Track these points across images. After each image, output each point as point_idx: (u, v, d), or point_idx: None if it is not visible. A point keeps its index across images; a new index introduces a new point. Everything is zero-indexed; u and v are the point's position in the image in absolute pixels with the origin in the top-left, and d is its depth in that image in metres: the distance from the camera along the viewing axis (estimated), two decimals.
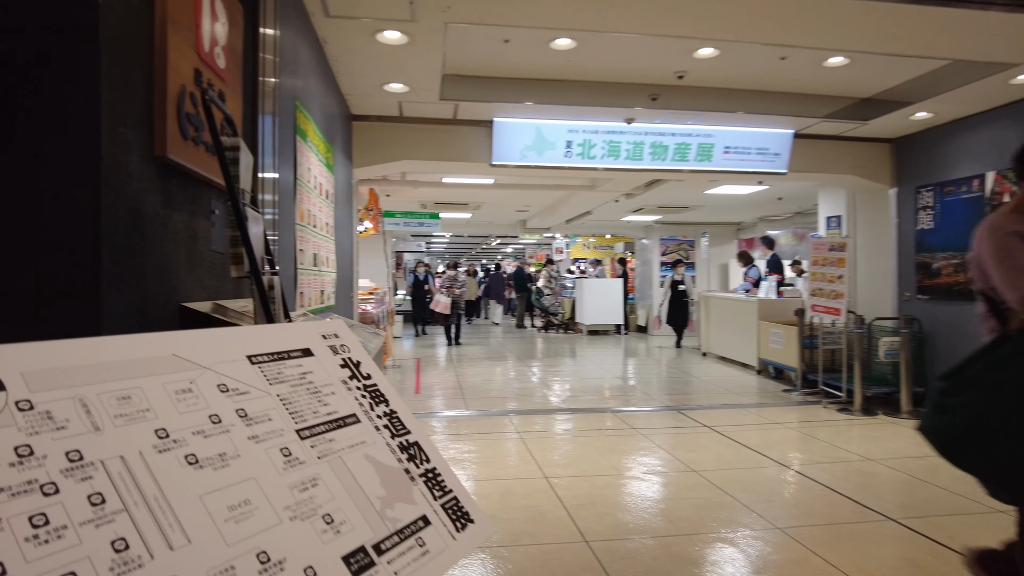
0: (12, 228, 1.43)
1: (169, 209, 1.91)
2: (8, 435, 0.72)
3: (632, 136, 6.60)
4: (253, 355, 1.08)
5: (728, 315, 9.59)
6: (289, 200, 3.61)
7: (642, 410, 6.33)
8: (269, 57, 3.07)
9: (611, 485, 4.02)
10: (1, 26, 1.43)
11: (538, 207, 13.38)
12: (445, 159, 6.86)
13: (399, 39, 4.56)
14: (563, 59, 5.12)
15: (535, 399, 6.86)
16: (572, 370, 9.06)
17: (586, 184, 9.49)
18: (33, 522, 0.67)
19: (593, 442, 5.03)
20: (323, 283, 4.51)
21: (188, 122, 1.94)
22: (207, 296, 2.29)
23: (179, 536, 0.75)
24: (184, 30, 1.89)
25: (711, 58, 5.06)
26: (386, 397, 1.24)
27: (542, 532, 3.28)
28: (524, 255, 27.17)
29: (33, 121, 1.44)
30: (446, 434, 5.27)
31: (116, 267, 1.56)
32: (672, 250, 14.75)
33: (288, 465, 0.95)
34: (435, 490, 1.13)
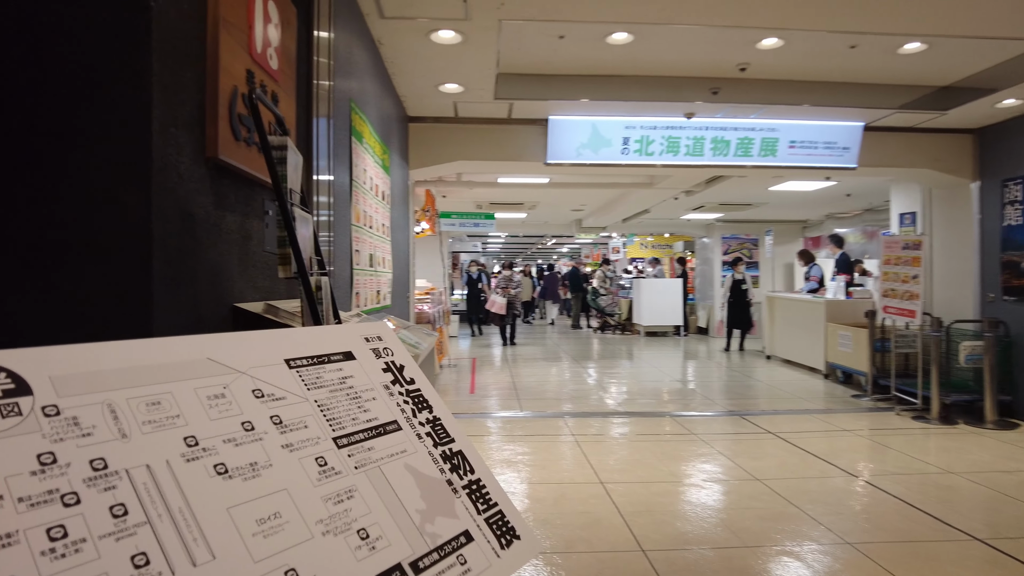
0: (67, 231, 1.45)
1: (221, 210, 1.92)
2: (31, 442, 0.69)
3: (692, 131, 6.41)
4: (292, 359, 1.05)
5: (793, 316, 9.22)
6: (345, 201, 3.63)
7: (702, 415, 6.13)
8: (323, 60, 3.08)
9: (669, 492, 3.88)
10: (57, 32, 1.45)
11: (594, 206, 13.22)
12: (500, 159, 6.82)
13: (453, 38, 4.54)
14: (620, 54, 5.00)
15: (591, 401, 6.74)
16: (629, 372, 8.88)
17: (644, 182, 9.29)
18: (51, 535, 0.64)
19: (651, 447, 4.88)
20: (379, 283, 4.54)
21: (240, 123, 1.94)
22: (260, 297, 2.30)
23: (203, 551, 0.71)
24: (236, 31, 1.89)
25: (775, 49, 4.84)
26: (429, 403, 1.18)
27: (598, 539, 3.18)
28: (580, 255, 26.96)
29: (87, 125, 1.46)
30: (500, 435, 5.23)
31: (167, 268, 1.56)
32: (734, 249, 14.32)
33: (323, 476, 0.90)
34: (479, 503, 1.06)
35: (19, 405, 0.71)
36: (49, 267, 1.45)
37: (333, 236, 3.28)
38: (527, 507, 3.63)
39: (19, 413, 0.70)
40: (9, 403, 0.71)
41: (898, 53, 4.89)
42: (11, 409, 0.70)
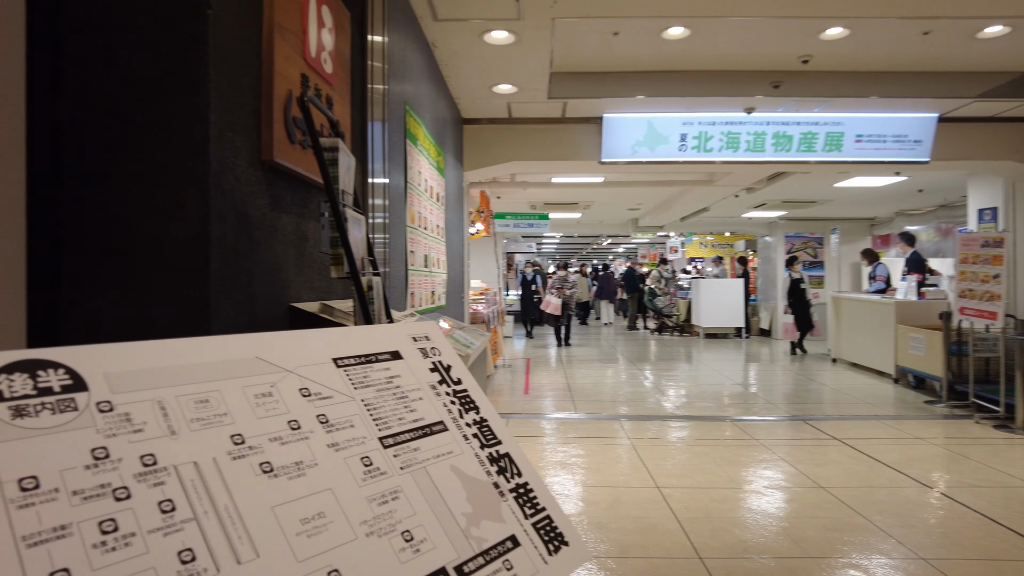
0: (132, 233, 1.50)
1: (277, 211, 1.96)
2: (86, 437, 0.71)
3: (752, 126, 6.22)
4: (339, 358, 1.05)
5: (860, 318, 8.83)
6: (400, 203, 3.68)
7: (764, 419, 5.93)
8: (377, 64, 3.12)
9: (728, 499, 3.76)
10: (121, 44, 1.51)
11: (650, 205, 13.01)
12: (554, 158, 6.80)
13: (506, 39, 4.54)
14: (676, 49, 4.89)
15: (647, 404, 6.62)
16: (687, 375, 8.69)
17: (702, 179, 9.09)
18: (102, 528, 0.65)
19: (709, 452, 4.76)
20: (433, 284, 4.58)
21: (295, 126, 1.98)
22: (317, 296, 2.35)
23: (247, 549, 0.72)
24: (291, 36, 1.93)
25: (840, 39, 4.64)
26: (476, 404, 1.17)
27: (653, 545, 3.11)
28: (636, 255, 26.61)
29: (150, 132, 1.51)
30: (554, 437, 5.19)
31: (224, 268, 1.60)
32: (798, 248, 13.84)
33: (368, 476, 0.90)
34: (526, 507, 1.04)
35: (75, 401, 0.73)
36: (116, 268, 1.51)
37: (388, 237, 3.33)
38: (581, 510, 3.58)
39: (75, 408, 0.72)
40: (66, 399, 0.73)
41: (977, 38, 4.62)
42: (68, 404, 0.72)
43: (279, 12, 1.83)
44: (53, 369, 0.74)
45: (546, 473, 4.21)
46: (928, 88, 5.50)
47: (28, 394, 0.71)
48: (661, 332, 14.59)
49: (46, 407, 0.71)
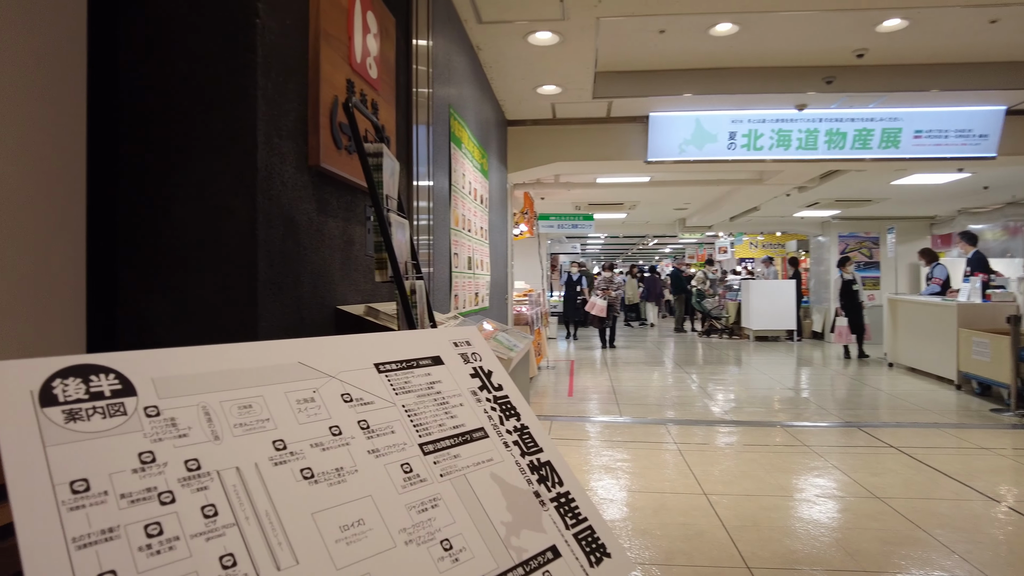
0: (184, 237, 1.55)
1: (324, 216, 1.99)
2: (134, 441, 0.72)
3: (804, 124, 6.04)
4: (381, 363, 1.05)
5: (920, 321, 8.47)
6: (444, 206, 3.70)
7: (816, 425, 5.75)
8: (422, 68, 3.15)
9: (778, 507, 3.65)
10: (175, 54, 1.55)
11: (698, 204, 12.79)
12: (599, 158, 6.74)
13: (550, 39, 4.52)
14: (724, 45, 4.79)
15: (695, 408, 6.50)
16: (736, 379, 8.50)
17: (752, 178, 8.88)
18: (148, 531, 0.67)
19: (758, 458, 4.63)
20: (477, 285, 4.59)
21: (341, 132, 2.01)
22: (363, 299, 2.37)
23: (287, 555, 0.72)
24: (336, 43, 1.96)
25: (898, 31, 4.46)
26: (517, 410, 1.16)
27: (699, 552, 3.05)
28: (683, 255, 26.20)
29: (201, 139, 1.55)
30: (598, 440, 5.14)
31: (271, 271, 1.63)
32: (852, 248, 13.39)
33: (408, 483, 0.90)
34: (568, 517, 1.02)
35: (124, 405, 0.75)
36: (168, 271, 1.55)
37: (433, 240, 3.35)
38: (625, 516, 3.53)
39: (124, 413, 0.74)
40: (116, 403, 0.74)
41: None
42: (117, 409, 0.74)
43: (325, 19, 1.86)
44: (104, 374, 0.76)
45: (590, 478, 4.17)
46: (995, 79, 5.24)
47: (81, 398, 0.73)
48: (709, 334, 14.32)
49: (97, 411, 0.72)
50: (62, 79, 1.44)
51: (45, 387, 0.71)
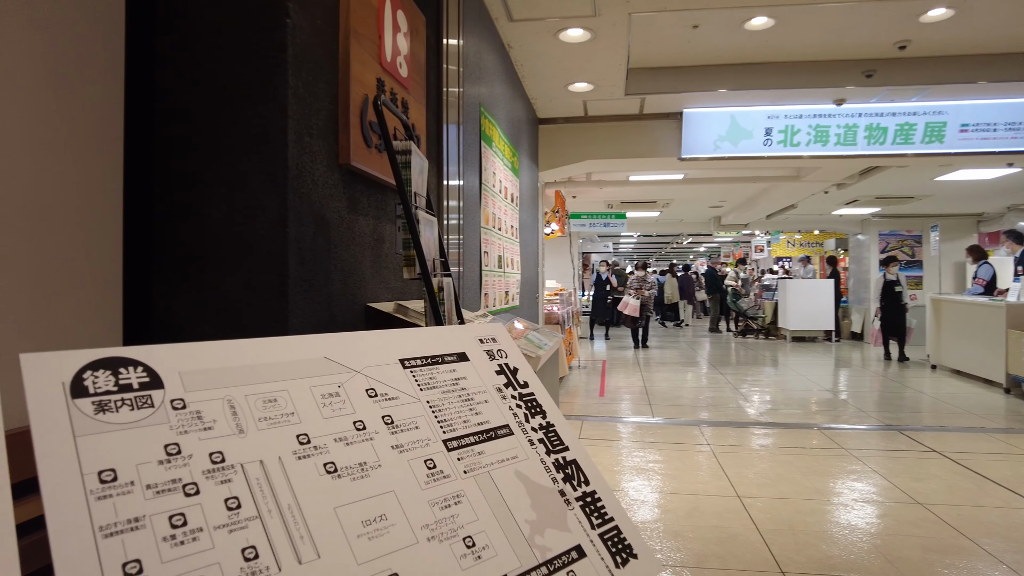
0: (217, 235, 1.57)
1: (354, 214, 2.00)
2: (160, 433, 0.73)
3: (843, 119, 5.89)
4: (406, 359, 1.05)
5: (965, 322, 8.19)
6: (474, 204, 3.70)
7: (855, 428, 5.60)
8: (452, 67, 3.15)
9: (815, 511, 3.57)
10: (207, 56, 1.58)
11: (734, 202, 12.58)
12: (631, 156, 6.68)
13: (582, 36, 4.49)
14: (759, 40, 4.70)
15: (729, 409, 6.39)
16: (772, 380, 8.34)
17: (789, 175, 8.69)
18: (172, 522, 0.67)
19: (794, 461, 4.53)
20: (507, 284, 4.59)
21: (371, 130, 2.02)
22: (393, 297, 2.39)
23: (309, 549, 0.72)
24: (367, 42, 1.97)
25: (943, 20, 4.31)
26: (543, 408, 1.14)
27: (732, 556, 2.99)
28: (718, 254, 25.81)
29: (233, 138, 1.58)
30: (630, 441, 5.10)
31: (302, 269, 1.65)
32: (893, 247, 13.02)
33: (431, 479, 0.89)
34: (593, 517, 1.01)
35: (152, 398, 0.76)
36: (201, 268, 1.58)
37: (462, 238, 3.35)
38: (657, 517, 3.49)
39: (151, 405, 0.75)
40: (144, 395, 0.76)
41: None
42: (145, 401, 0.75)
43: (355, 18, 1.87)
44: (133, 367, 0.77)
45: (621, 479, 4.13)
46: None
47: (110, 390, 0.74)
48: (745, 335, 14.08)
49: (125, 403, 0.74)
50: (100, 82, 1.47)
51: (76, 379, 0.72)
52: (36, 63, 1.30)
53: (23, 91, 1.27)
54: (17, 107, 1.26)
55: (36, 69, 1.30)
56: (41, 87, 1.32)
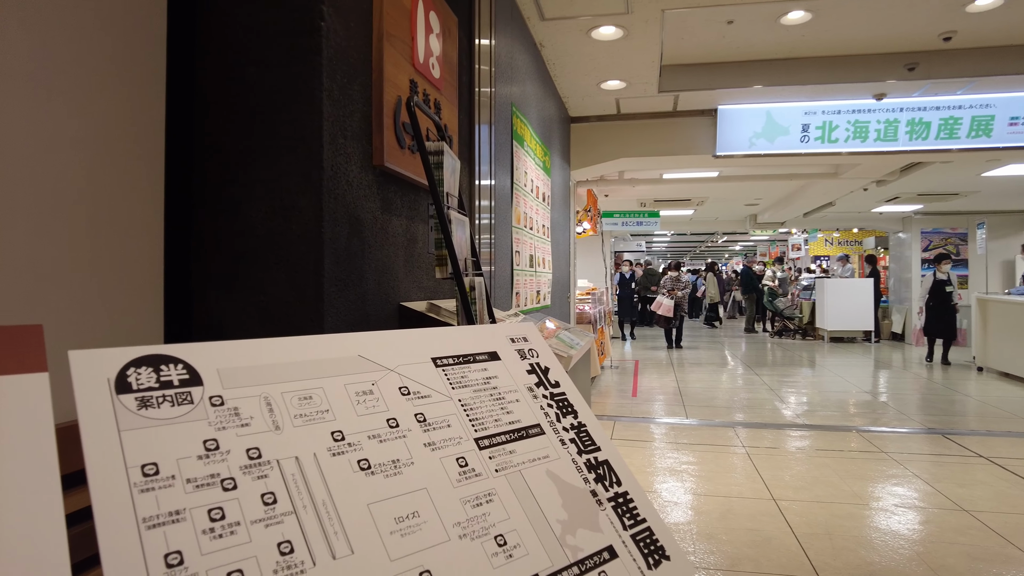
0: (254, 235, 1.61)
1: (388, 214, 2.02)
2: (199, 429, 0.75)
3: (883, 114, 5.74)
4: (438, 357, 1.06)
5: (1014, 322, 7.91)
6: (506, 204, 3.71)
7: (895, 431, 5.46)
8: (484, 67, 3.16)
9: (853, 515, 3.49)
10: (245, 61, 1.61)
11: (770, 200, 12.36)
12: (665, 154, 6.61)
13: (614, 34, 4.47)
14: (796, 34, 4.60)
15: (764, 411, 6.29)
16: (809, 381, 8.17)
17: (827, 172, 8.51)
18: (211, 515, 0.69)
19: (832, 464, 4.44)
20: (539, 284, 4.58)
21: (404, 131, 2.04)
22: (425, 296, 2.41)
23: (343, 545, 0.73)
24: (399, 44, 1.99)
25: (992, 9, 4.17)
26: (574, 408, 1.14)
27: (766, 560, 2.94)
28: (754, 253, 25.39)
29: (271, 141, 1.61)
30: (663, 442, 5.05)
31: (337, 269, 1.67)
32: (936, 245, 12.64)
33: (463, 477, 0.90)
34: (625, 518, 1.00)
35: (191, 394, 0.78)
36: (239, 268, 1.62)
37: (494, 238, 3.36)
38: (690, 519, 3.45)
39: (191, 402, 0.77)
40: (184, 392, 0.78)
41: None
42: (184, 398, 0.77)
43: (388, 20, 1.89)
44: (173, 364, 0.79)
45: (654, 480, 4.10)
46: None
47: (152, 387, 0.76)
48: (781, 335, 13.83)
49: (166, 399, 0.76)
50: (143, 88, 1.51)
51: (120, 375, 0.75)
52: (82, 71, 1.35)
53: (71, 99, 1.32)
54: (65, 114, 1.31)
55: (82, 77, 1.35)
56: (88, 94, 1.36)
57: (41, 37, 1.25)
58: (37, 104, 1.24)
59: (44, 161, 1.26)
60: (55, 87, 1.28)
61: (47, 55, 1.26)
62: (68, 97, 1.31)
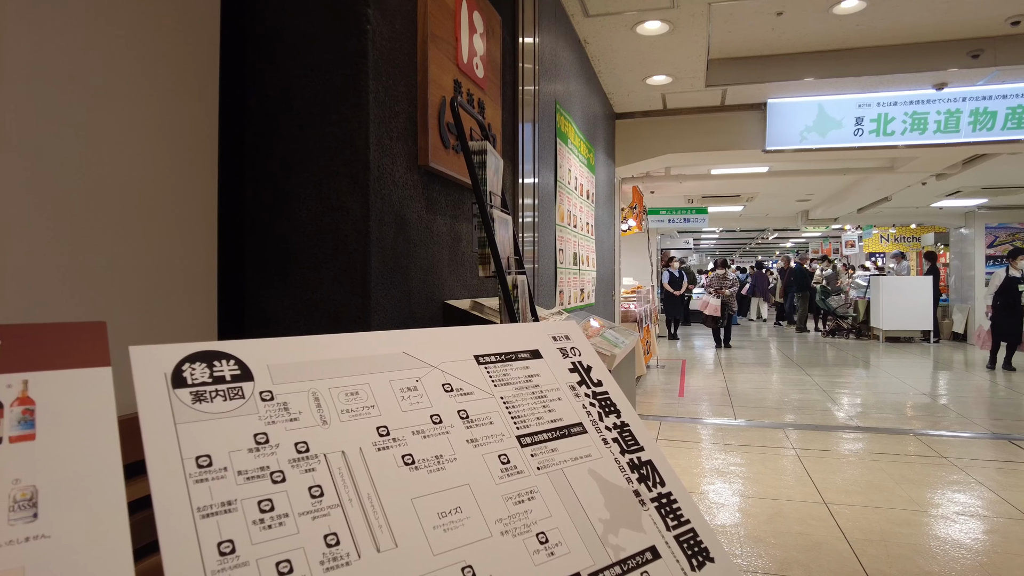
0: (304, 235, 1.65)
1: (432, 214, 2.05)
2: (251, 423, 0.78)
3: (944, 104, 5.51)
4: (481, 355, 1.07)
5: None
6: (549, 202, 3.70)
7: (956, 435, 5.24)
8: (528, 66, 3.16)
9: (909, 522, 3.36)
10: (294, 64, 1.66)
11: (822, 195, 12.00)
12: (712, 149, 6.49)
13: (660, 29, 4.41)
14: (850, 24, 4.46)
15: (816, 412, 6.12)
16: (864, 382, 7.91)
17: (883, 165, 8.21)
18: (261, 506, 0.71)
19: (887, 468, 4.29)
20: (583, 282, 4.56)
21: (448, 131, 2.06)
22: (468, 294, 2.43)
23: (387, 538, 0.75)
24: (444, 44, 2.01)
25: None
26: (617, 407, 1.14)
27: (817, 565, 2.86)
28: (806, 250, 24.70)
29: (320, 143, 1.65)
30: (711, 443, 4.96)
31: (383, 267, 1.70)
32: (1002, 240, 12.06)
33: (505, 474, 0.91)
34: (669, 518, 0.99)
35: (243, 389, 0.81)
36: (289, 267, 1.66)
37: (538, 236, 3.36)
38: (738, 521, 3.39)
39: (242, 396, 0.80)
40: (235, 387, 0.80)
41: None
42: (236, 392, 0.80)
43: (433, 21, 1.91)
44: (226, 360, 0.82)
45: (700, 481, 4.04)
46: None
47: (206, 381, 0.79)
48: (834, 335, 13.42)
49: (219, 394, 0.79)
50: (199, 96, 1.57)
51: (176, 370, 0.78)
52: (144, 79, 1.40)
53: (135, 107, 1.38)
54: (128, 121, 1.36)
55: (144, 85, 1.41)
56: (149, 102, 1.42)
57: (109, 48, 1.31)
58: (104, 112, 1.30)
59: (109, 166, 1.32)
60: (119, 94, 1.34)
61: (113, 65, 1.32)
62: (133, 105, 1.37)
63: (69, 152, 1.23)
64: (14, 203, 1.13)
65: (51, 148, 1.19)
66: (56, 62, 1.20)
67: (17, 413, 0.66)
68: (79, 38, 1.25)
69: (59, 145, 1.21)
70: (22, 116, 1.14)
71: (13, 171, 1.13)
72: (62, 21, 1.22)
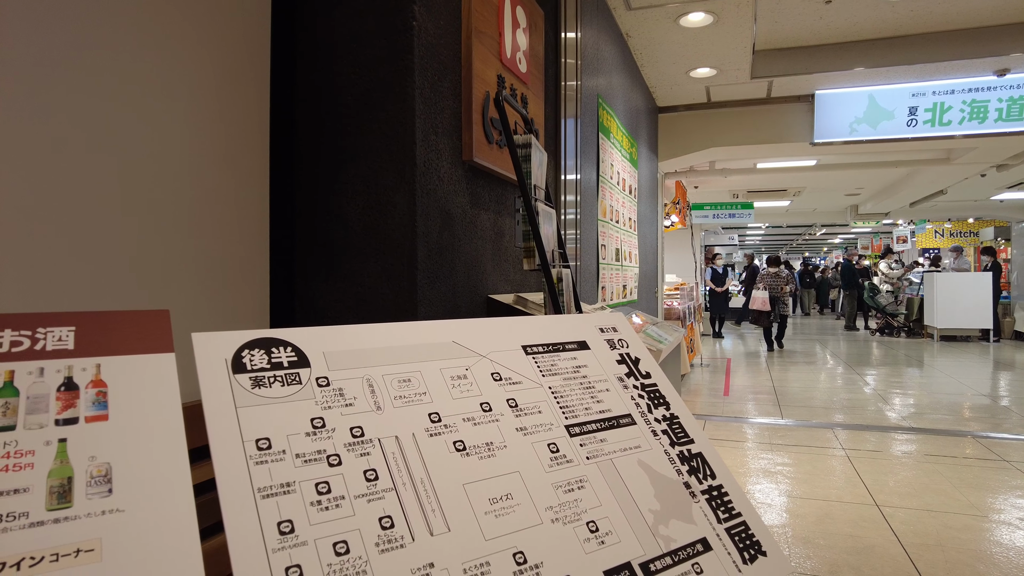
0: (353, 228, 1.68)
1: (476, 208, 2.06)
2: (308, 408, 0.80)
3: (1006, 91, 5.27)
4: (528, 345, 1.07)
5: None
6: (592, 198, 3.68)
7: (1019, 439, 5.02)
8: (571, 61, 3.15)
9: (969, 527, 3.24)
10: (343, 64, 1.69)
11: (873, 189, 11.63)
12: (758, 142, 6.36)
13: (703, 20, 4.34)
14: (902, 10, 4.30)
15: (867, 412, 5.94)
16: (918, 382, 7.64)
17: (938, 157, 7.91)
18: (318, 489, 0.73)
19: (944, 471, 4.13)
20: (625, 278, 4.53)
21: (492, 127, 2.07)
22: (512, 289, 2.44)
23: (440, 522, 0.76)
24: (487, 39, 2.02)
25: None
26: (666, 399, 1.13)
27: (869, 568, 2.78)
28: (855, 246, 23.98)
29: (368, 139, 1.68)
30: (756, 442, 4.87)
31: (429, 262, 1.72)
32: None
33: (554, 462, 0.91)
34: (720, 511, 0.98)
35: (300, 375, 0.83)
36: (338, 260, 1.69)
37: (580, 232, 3.35)
38: (785, 522, 3.32)
39: (299, 382, 0.82)
40: (292, 373, 0.83)
41: None
42: (293, 378, 0.82)
43: (476, 17, 1.92)
44: (283, 347, 0.84)
45: (746, 480, 3.97)
46: None
47: (264, 367, 0.81)
48: (883, 333, 12.99)
49: (277, 379, 0.81)
50: (251, 95, 1.61)
51: (236, 356, 0.80)
52: (197, 82, 1.45)
53: (191, 110, 1.43)
54: (187, 123, 1.41)
55: (198, 88, 1.45)
56: (204, 106, 1.46)
57: (173, 52, 1.36)
58: (165, 115, 1.35)
59: (173, 166, 1.36)
60: (180, 96, 1.39)
61: (176, 68, 1.37)
62: (193, 109, 1.42)
63: (142, 152, 1.28)
64: (100, 203, 1.18)
65: (131, 149, 1.25)
66: (136, 71, 1.25)
67: (92, 395, 0.69)
68: (148, 49, 1.30)
69: (136, 146, 1.26)
70: (112, 121, 1.19)
71: (105, 172, 1.18)
72: (136, 37, 1.27)
